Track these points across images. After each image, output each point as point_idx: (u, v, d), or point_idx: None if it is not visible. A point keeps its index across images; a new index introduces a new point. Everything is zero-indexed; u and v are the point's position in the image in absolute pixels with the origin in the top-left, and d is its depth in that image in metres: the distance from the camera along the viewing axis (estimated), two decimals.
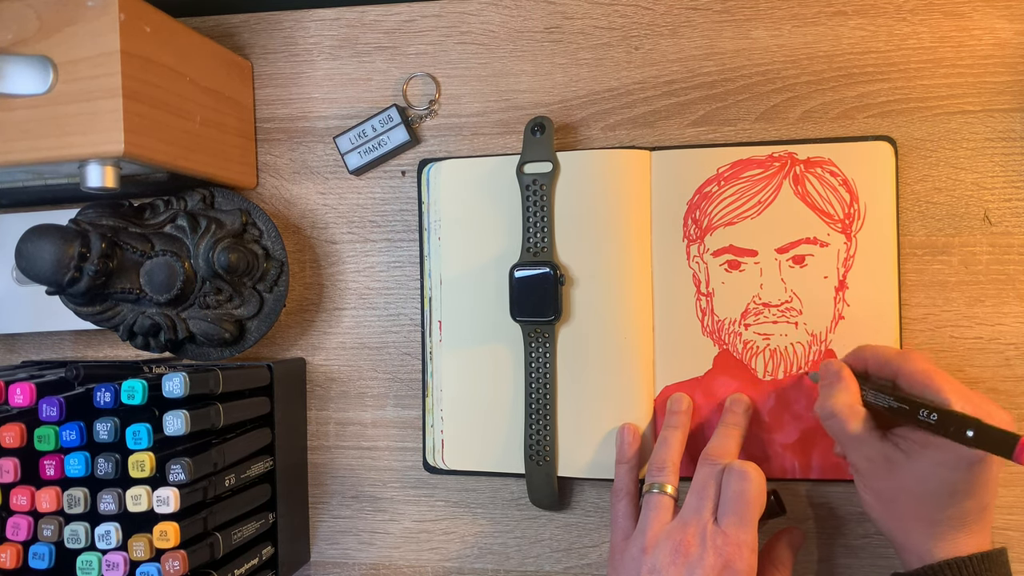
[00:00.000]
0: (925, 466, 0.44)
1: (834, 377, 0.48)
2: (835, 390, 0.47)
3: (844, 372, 0.48)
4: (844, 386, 0.47)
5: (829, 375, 0.49)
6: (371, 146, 0.59)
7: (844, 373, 0.48)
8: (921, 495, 0.45)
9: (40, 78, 0.46)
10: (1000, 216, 0.53)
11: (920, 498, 0.45)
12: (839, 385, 0.48)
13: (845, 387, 0.47)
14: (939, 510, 0.45)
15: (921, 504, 0.45)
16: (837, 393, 0.47)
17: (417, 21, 0.60)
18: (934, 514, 0.45)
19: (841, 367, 0.48)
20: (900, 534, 0.47)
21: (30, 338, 0.66)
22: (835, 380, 0.48)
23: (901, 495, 0.46)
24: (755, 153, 0.54)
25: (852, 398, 0.47)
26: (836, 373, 0.48)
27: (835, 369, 0.49)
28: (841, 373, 0.48)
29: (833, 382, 0.48)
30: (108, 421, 0.47)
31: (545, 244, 0.55)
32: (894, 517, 0.47)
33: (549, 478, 0.56)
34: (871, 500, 0.48)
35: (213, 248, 0.55)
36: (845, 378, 0.48)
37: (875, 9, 0.54)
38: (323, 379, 0.61)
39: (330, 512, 0.61)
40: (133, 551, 0.46)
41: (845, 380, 0.48)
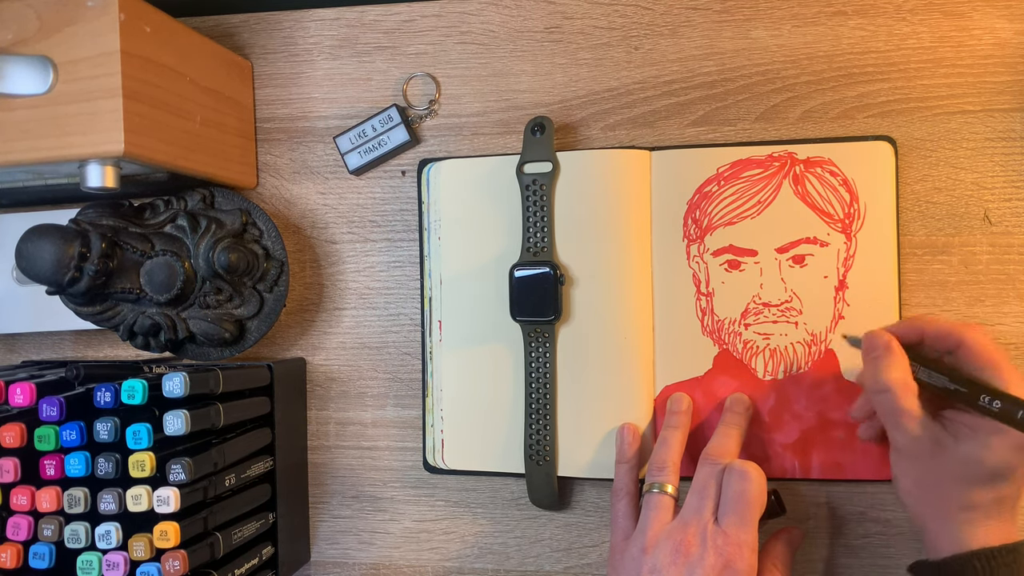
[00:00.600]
0: (973, 449, 0.43)
1: (883, 349, 0.45)
2: (886, 363, 0.45)
3: (894, 344, 0.45)
4: (896, 359, 0.45)
5: (877, 347, 0.46)
6: (371, 146, 0.59)
7: (894, 345, 0.45)
8: (962, 479, 0.44)
9: (40, 78, 0.46)
10: (1000, 216, 0.53)
11: (960, 482, 0.44)
12: (890, 358, 0.45)
13: (897, 361, 0.45)
14: (977, 495, 0.44)
15: (960, 488, 0.44)
16: (890, 366, 0.45)
17: (417, 21, 0.60)
18: (971, 499, 0.44)
19: (890, 338, 0.46)
20: (933, 519, 0.46)
21: (30, 338, 0.66)
22: (884, 352, 0.45)
23: (942, 479, 0.45)
24: (755, 153, 0.54)
25: (905, 373, 0.45)
26: (886, 345, 0.46)
27: (884, 340, 0.46)
28: (891, 345, 0.45)
29: (882, 355, 0.45)
30: (108, 421, 0.47)
31: (545, 244, 0.55)
32: (930, 501, 0.46)
33: (549, 478, 0.56)
34: (908, 484, 0.46)
35: (213, 248, 0.55)
36: (896, 351, 0.45)
37: (875, 9, 0.54)
38: (323, 379, 0.61)
39: (330, 512, 0.61)
40: (133, 551, 0.46)
41: (896, 353, 0.45)
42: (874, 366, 0.46)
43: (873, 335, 0.47)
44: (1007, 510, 0.45)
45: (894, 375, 0.45)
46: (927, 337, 0.47)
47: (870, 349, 0.47)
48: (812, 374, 0.54)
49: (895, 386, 0.44)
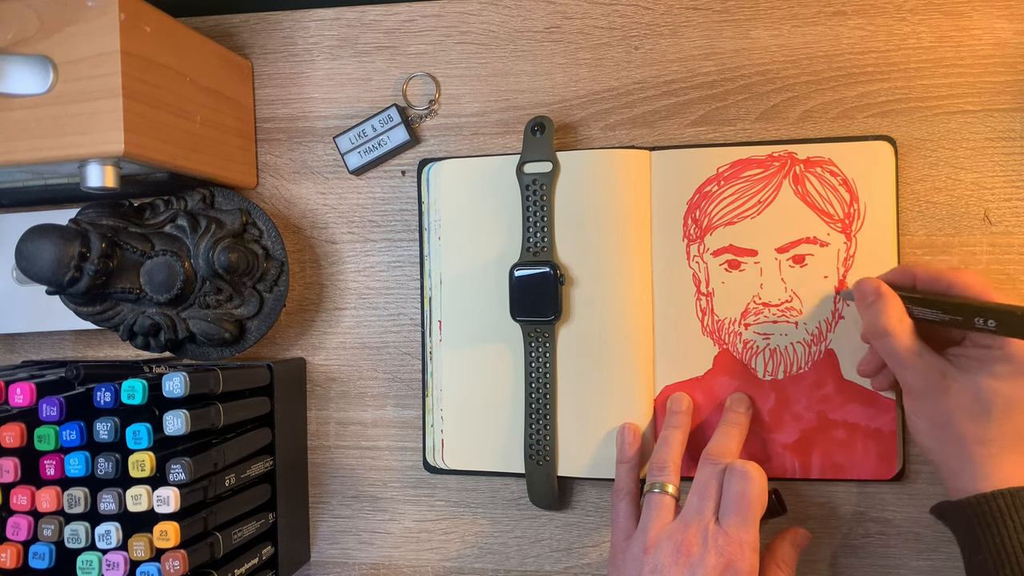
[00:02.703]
0: (980, 378, 0.44)
1: (874, 295, 0.46)
2: (881, 307, 0.46)
3: (884, 288, 0.46)
4: (889, 302, 0.46)
5: (868, 293, 0.47)
6: (371, 146, 0.59)
7: (884, 289, 0.46)
8: (975, 412, 0.44)
9: (40, 78, 0.46)
10: (1000, 216, 0.53)
11: (974, 414, 0.44)
12: (884, 301, 0.46)
13: (890, 303, 0.46)
14: (992, 427, 0.44)
15: (975, 421, 0.44)
16: (885, 309, 0.46)
17: (417, 21, 0.60)
18: (988, 432, 0.44)
19: (878, 284, 0.47)
20: (952, 459, 0.46)
21: (30, 338, 0.66)
22: (876, 298, 0.46)
23: (955, 413, 0.45)
24: (755, 153, 0.54)
25: (900, 313, 0.46)
26: (875, 290, 0.46)
27: (873, 286, 0.47)
28: (880, 290, 0.46)
29: (875, 300, 0.46)
30: (108, 421, 0.47)
31: (545, 244, 0.55)
32: (946, 440, 0.46)
33: (549, 478, 0.56)
34: (924, 425, 0.47)
35: (213, 248, 0.55)
36: (887, 294, 0.46)
37: (875, 9, 0.54)
38: (323, 379, 0.61)
39: (330, 512, 0.61)
40: (133, 551, 0.46)
41: (887, 296, 0.46)
42: (870, 313, 0.47)
43: (862, 283, 0.48)
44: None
45: (891, 318, 0.46)
46: (919, 281, 0.48)
47: (862, 297, 0.47)
48: (812, 374, 0.54)
49: (893, 328, 0.45)
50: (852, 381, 0.53)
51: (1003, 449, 0.45)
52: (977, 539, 0.44)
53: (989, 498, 0.44)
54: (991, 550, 0.44)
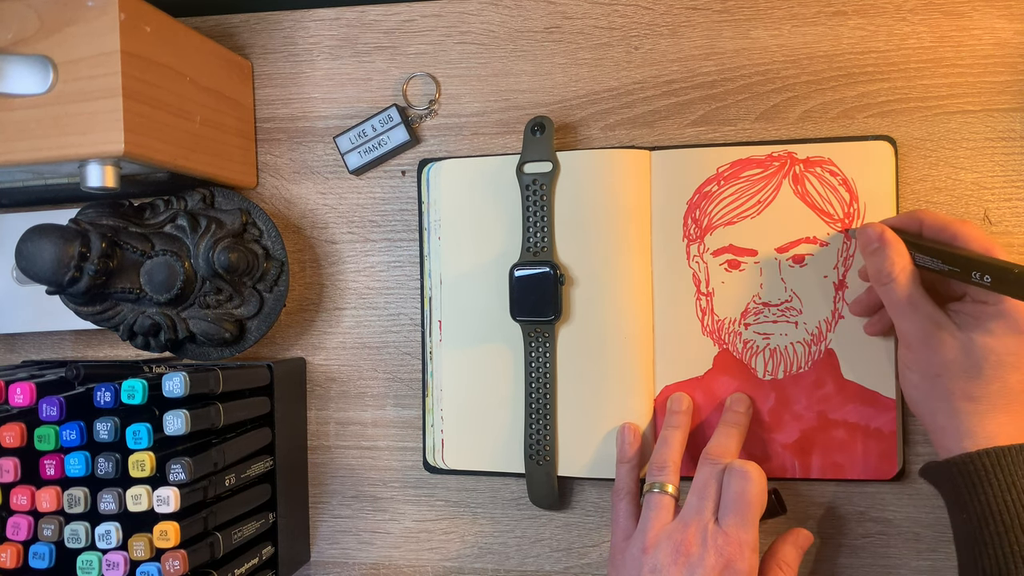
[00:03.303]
0: (974, 335, 0.44)
1: (878, 240, 0.47)
2: (886, 253, 0.46)
3: (888, 234, 0.47)
4: (895, 248, 0.46)
5: (872, 239, 0.47)
6: (371, 146, 0.59)
7: (888, 235, 0.46)
8: (967, 367, 0.44)
9: (40, 78, 0.46)
10: (1000, 216, 0.53)
11: (965, 370, 0.45)
12: (888, 248, 0.46)
13: (896, 249, 0.46)
14: (984, 384, 0.44)
15: (966, 377, 0.45)
16: (891, 255, 0.46)
17: (417, 21, 0.60)
18: (978, 389, 0.44)
19: (883, 229, 0.47)
20: (940, 413, 0.46)
21: (30, 338, 0.66)
22: (881, 244, 0.46)
23: (947, 367, 0.45)
24: (755, 153, 0.54)
25: (906, 260, 0.46)
26: (880, 236, 0.47)
27: (878, 232, 0.47)
28: (885, 235, 0.46)
29: (880, 246, 0.46)
30: (108, 421, 0.47)
31: (545, 244, 0.55)
32: (936, 394, 0.46)
33: (549, 478, 0.56)
34: (915, 377, 0.47)
35: (213, 248, 0.55)
36: (892, 240, 0.46)
37: (875, 9, 0.54)
38: (323, 379, 0.61)
39: (330, 512, 0.61)
40: (133, 551, 0.46)
41: (892, 243, 0.46)
42: (875, 258, 0.47)
43: (867, 228, 0.48)
44: (1017, 403, 0.45)
45: (895, 264, 0.46)
46: (925, 228, 0.48)
47: (867, 243, 0.47)
48: (812, 374, 0.54)
49: (896, 274, 0.46)
50: (852, 381, 0.53)
51: (991, 407, 0.45)
52: (962, 498, 0.45)
53: (974, 457, 0.44)
54: (976, 509, 0.44)
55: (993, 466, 0.43)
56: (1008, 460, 0.43)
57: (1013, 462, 0.43)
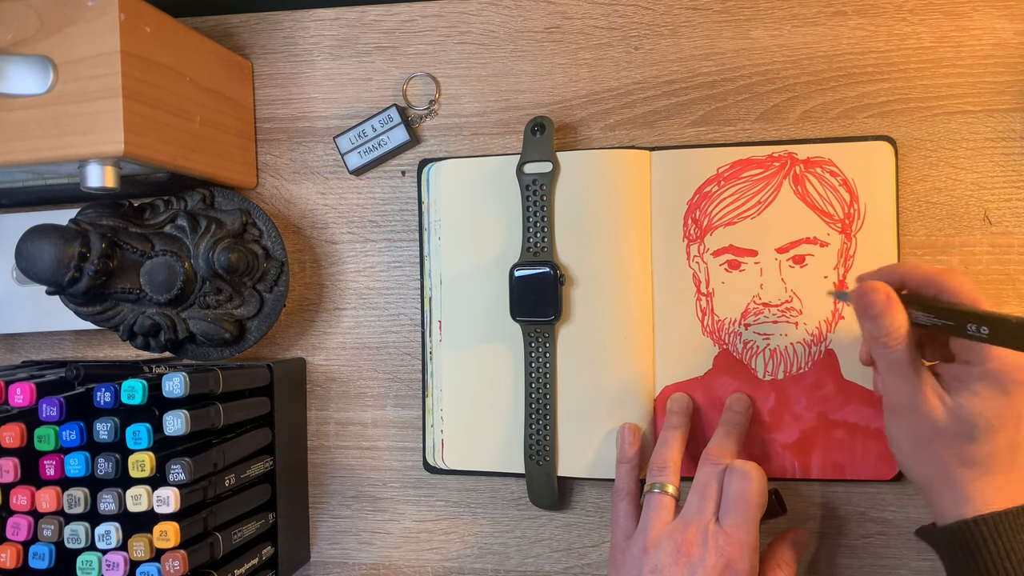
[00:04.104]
0: (962, 400, 0.43)
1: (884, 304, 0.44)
2: (891, 315, 0.44)
3: (893, 296, 0.44)
4: (899, 310, 0.44)
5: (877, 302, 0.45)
6: (371, 146, 0.59)
7: (894, 298, 0.44)
8: (957, 432, 0.44)
9: (40, 78, 0.46)
10: (1000, 216, 0.53)
11: (956, 435, 0.44)
12: (894, 309, 0.44)
13: (899, 311, 0.44)
14: (974, 447, 0.44)
15: (957, 441, 0.44)
16: (895, 317, 0.44)
17: (417, 21, 0.60)
18: (969, 452, 0.44)
19: (889, 290, 0.45)
20: (935, 479, 0.45)
21: (30, 338, 0.66)
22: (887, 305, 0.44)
23: (939, 435, 0.44)
24: (755, 153, 0.54)
25: (904, 321, 0.44)
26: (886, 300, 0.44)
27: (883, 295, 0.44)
28: (891, 298, 0.44)
29: (886, 307, 0.44)
30: (108, 421, 0.47)
31: (545, 244, 0.55)
32: (929, 461, 0.45)
33: (549, 478, 0.56)
34: (907, 445, 0.46)
35: (213, 248, 0.55)
36: (895, 302, 0.44)
37: (875, 9, 0.54)
38: (323, 379, 0.61)
39: (330, 512, 0.61)
40: (133, 551, 0.46)
41: (896, 304, 0.44)
42: (877, 323, 0.44)
43: (870, 292, 0.45)
44: (1010, 464, 0.44)
45: (902, 329, 0.44)
46: (908, 283, 0.46)
47: (870, 305, 0.45)
48: (812, 374, 0.54)
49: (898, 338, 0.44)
50: (852, 381, 0.53)
51: (986, 471, 0.44)
52: (961, 565, 0.44)
53: (971, 524, 0.43)
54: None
55: (991, 532, 0.43)
56: (1005, 525, 0.43)
57: (1011, 527, 0.43)
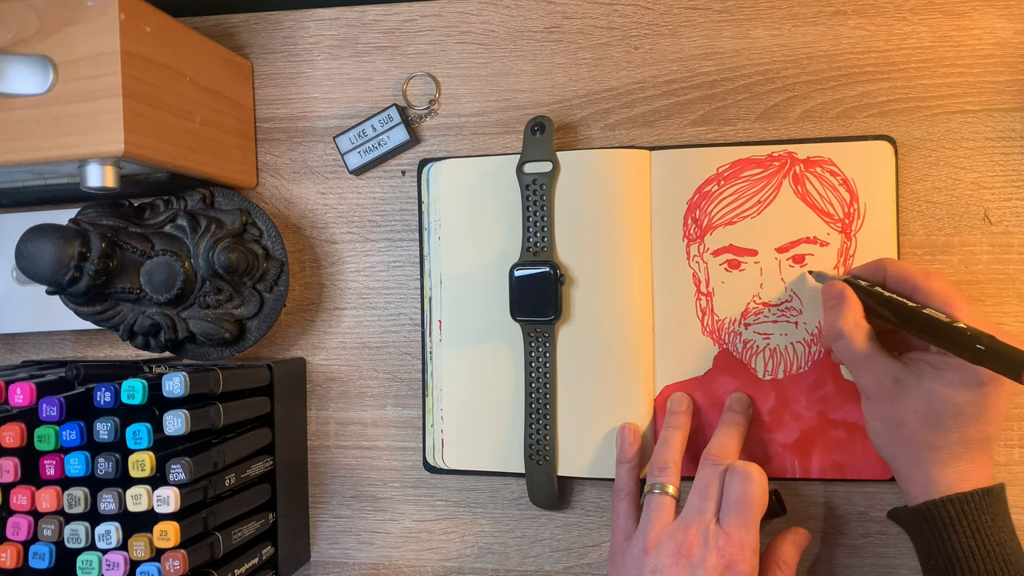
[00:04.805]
0: (934, 386, 0.44)
1: (837, 298, 0.48)
2: (841, 310, 0.47)
3: (847, 292, 0.48)
4: (849, 306, 0.47)
5: (832, 297, 0.48)
6: (371, 146, 0.59)
7: (847, 294, 0.48)
8: (927, 417, 0.45)
9: (40, 78, 0.46)
10: (1000, 216, 0.53)
11: (926, 421, 0.45)
12: (845, 305, 0.47)
13: (850, 306, 0.47)
14: (944, 434, 0.45)
15: (927, 427, 0.45)
16: (845, 313, 0.47)
17: (417, 21, 0.60)
18: (938, 439, 0.45)
19: (843, 287, 0.48)
20: (904, 461, 0.47)
21: (30, 338, 0.66)
22: (839, 301, 0.48)
23: (908, 418, 0.45)
24: (755, 153, 0.54)
25: (858, 316, 0.47)
26: (840, 294, 0.48)
27: (838, 290, 0.48)
28: (844, 294, 0.48)
29: (837, 303, 0.48)
30: (108, 421, 0.47)
31: (545, 244, 0.55)
32: (899, 443, 0.46)
33: (549, 478, 0.56)
34: (878, 426, 0.47)
35: (213, 248, 0.55)
36: (849, 298, 0.47)
37: (875, 9, 0.54)
38: (323, 379, 0.61)
39: (330, 512, 0.61)
40: (133, 551, 0.46)
41: (849, 300, 0.47)
42: (830, 316, 0.48)
43: (829, 286, 0.49)
44: (978, 451, 0.45)
45: (848, 320, 0.47)
46: (888, 278, 0.48)
47: (826, 299, 0.49)
48: (812, 374, 0.54)
49: (849, 331, 0.46)
50: (852, 381, 0.53)
51: (953, 456, 0.45)
52: (929, 545, 0.46)
53: (938, 504, 0.45)
54: (943, 556, 0.45)
55: (957, 513, 0.44)
56: (971, 507, 0.44)
57: (976, 508, 0.44)
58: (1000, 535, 0.44)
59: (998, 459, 0.53)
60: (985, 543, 0.44)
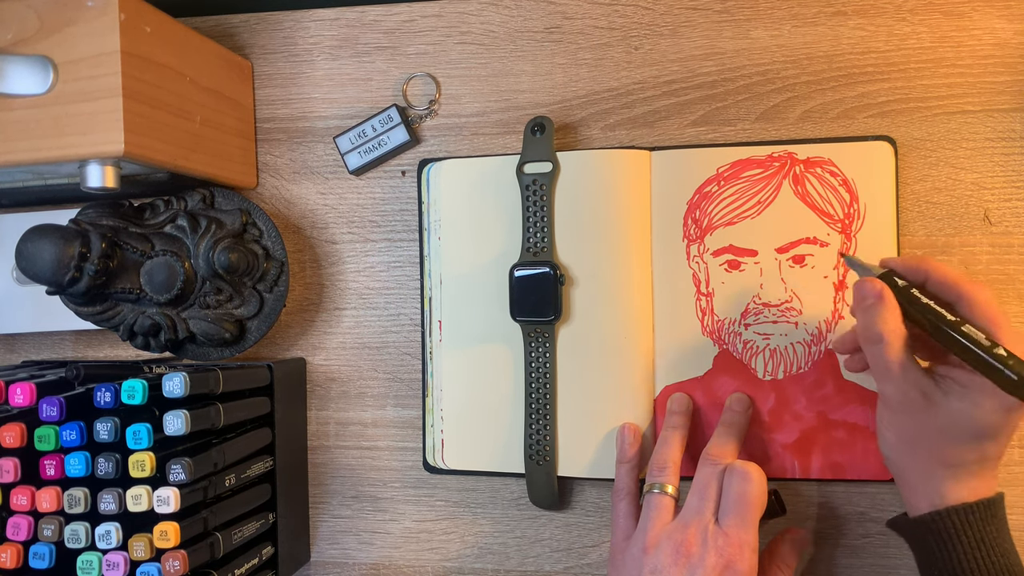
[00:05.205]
0: (963, 407, 0.42)
1: (876, 298, 0.44)
2: (880, 313, 0.43)
3: (886, 293, 0.44)
4: (889, 309, 0.43)
5: (870, 295, 0.44)
6: (371, 146, 0.59)
7: (887, 294, 0.44)
8: (948, 436, 0.43)
9: (40, 78, 0.46)
10: (1000, 216, 0.53)
11: (946, 439, 0.43)
12: (884, 308, 0.43)
13: (891, 310, 0.43)
14: (962, 453, 0.43)
15: (946, 445, 0.44)
16: (885, 317, 0.43)
17: (417, 21, 0.60)
18: (955, 456, 0.44)
19: (882, 287, 0.44)
20: (915, 475, 0.45)
21: (30, 338, 0.66)
22: (877, 301, 0.43)
23: (928, 434, 0.44)
24: (755, 153, 0.54)
25: (898, 323, 0.43)
26: (878, 294, 0.44)
27: (877, 290, 0.44)
28: (883, 294, 0.44)
29: (875, 304, 0.44)
30: (108, 421, 0.47)
31: (545, 244, 0.55)
32: (912, 457, 0.45)
33: (549, 478, 0.56)
34: (892, 438, 0.46)
35: (213, 248, 0.55)
36: (888, 300, 0.43)
37: (875, 9, 0.54)
38: (323, 379, 0.61)
39: (330, 512, 0.61)
40: (133, 551, 0.46)
41: (888, 302, 0.43)
42: (867, 315, 0.44)
43: (864, 283, 0.45)
44: (989, 468, 0.45)
45: (888, 326, 0.43)
46: (930, 282, 0.45)
47: (863, 297, 0.44)
48: (812, 374, 0.54)
49: (888, 337, 0.43)
50: (852, 381, 0.53)
51: (968, 473, 0.44)
52: (932, 555, 0.45)
53: (944, 515, 0.44)
54: (947, 566, 0.44)
55: (962, 523, 0.44)
56: (976, 517, 0.43)
57: (981, 518, 0.44)
58: (1004, 545, 0.44)
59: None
60: (990, 554, 0.43)
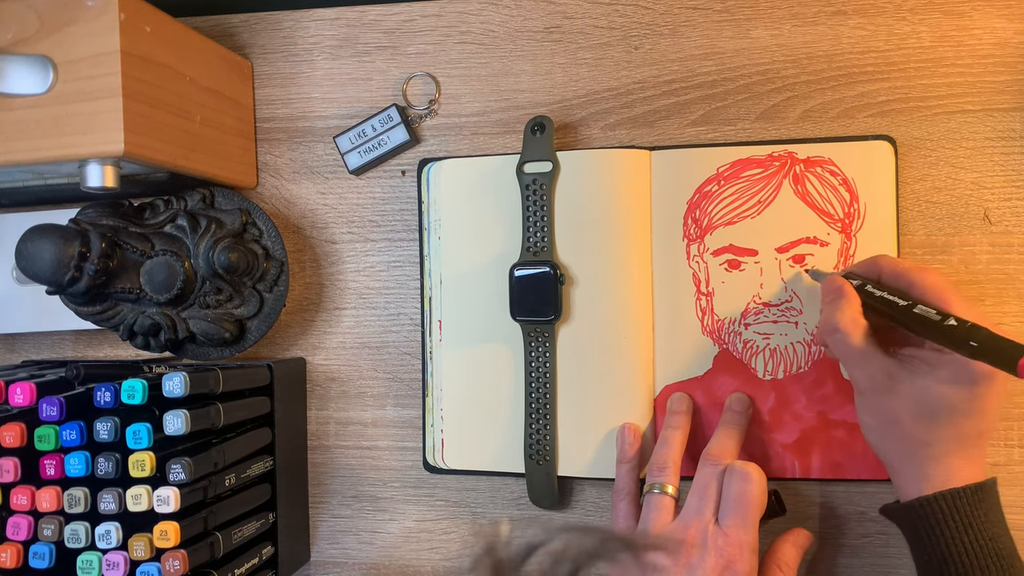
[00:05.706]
0: (928, 383, 0.44)
1: (836, 293, 0.48)
2: (839, 305, 0.47)
3: (846, 288, 0.47)
4: (847, 301, 0.47)
5: (831, 291, 0.48)
6: (371, 146, 0.59)
7: (846, 289, 0.47)
8: (920, 413, 0.44)
9: (40, 78, 0.46)
10: (1000, 216, 0.53)
11: (919, 416, 0.45)
12: (842, 300, 0.47)
13: (848, 302, 0.47)
14: (937, 430, 0.44)
15: (920, 423, 0.45)
16: (841, 308, 0.47)
17: (417, 21, 0.60)
18: (931, 434, 0.45)
19: (843, 283, 0.48)
20: (897, 457, 0.47)
21: (30, 338, 0.66)
22: (837, 296, 0.47)
23: (901, 414, 0.45)
24: (755, 152, 0.54)
25: (855, 312, 0.46)
26: (838, 289, 0.48)
27: (837, 285, 0.48)
28: (843, 289, 0.47)
29: (835, 298, 0.47)
30: (108, 421, 0.47)
31: (545, 244, 0.55)
32: (892, 439, 0.46)
33: (549, 478, 0.56)
34: (871, 421, 0.47)
35: (213, 248, 0.55)
36: (847, 294, 0.47)
37: (875, 9, 0.54)
38: (323, 379, 0.61)
39: (330, 512, 0.61)
40: (133, 551, 0.46)
41: (847, 295, 0.47)
42: (827, 310, 0.48)
43: (829, 280, 0.49)
44: (971, 447, 0.45)
45: (845, 315, 0.46)
46: (883, 275, 0.48)
47: (826, 294, 0.49)
48: (812, 374, 0.54)
49: (844, 326, 0.46)
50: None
51: (946, 452, 0.45)
52: (922, 541, 0.45)
53: (931, 500, 0.44)
54: (936, 551, 0.45)
55: (950, 508, 0.44)
56: (963, 501, 0.44)
57: (969, 503, 0.44)
58: (993, 530, 0.44)
59: (998, 459, 0.53)
60: (978, 538, 0.44)
